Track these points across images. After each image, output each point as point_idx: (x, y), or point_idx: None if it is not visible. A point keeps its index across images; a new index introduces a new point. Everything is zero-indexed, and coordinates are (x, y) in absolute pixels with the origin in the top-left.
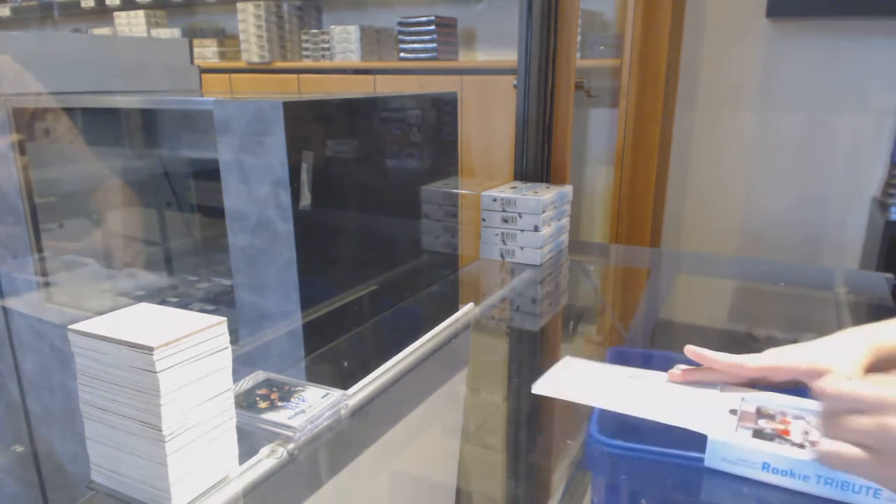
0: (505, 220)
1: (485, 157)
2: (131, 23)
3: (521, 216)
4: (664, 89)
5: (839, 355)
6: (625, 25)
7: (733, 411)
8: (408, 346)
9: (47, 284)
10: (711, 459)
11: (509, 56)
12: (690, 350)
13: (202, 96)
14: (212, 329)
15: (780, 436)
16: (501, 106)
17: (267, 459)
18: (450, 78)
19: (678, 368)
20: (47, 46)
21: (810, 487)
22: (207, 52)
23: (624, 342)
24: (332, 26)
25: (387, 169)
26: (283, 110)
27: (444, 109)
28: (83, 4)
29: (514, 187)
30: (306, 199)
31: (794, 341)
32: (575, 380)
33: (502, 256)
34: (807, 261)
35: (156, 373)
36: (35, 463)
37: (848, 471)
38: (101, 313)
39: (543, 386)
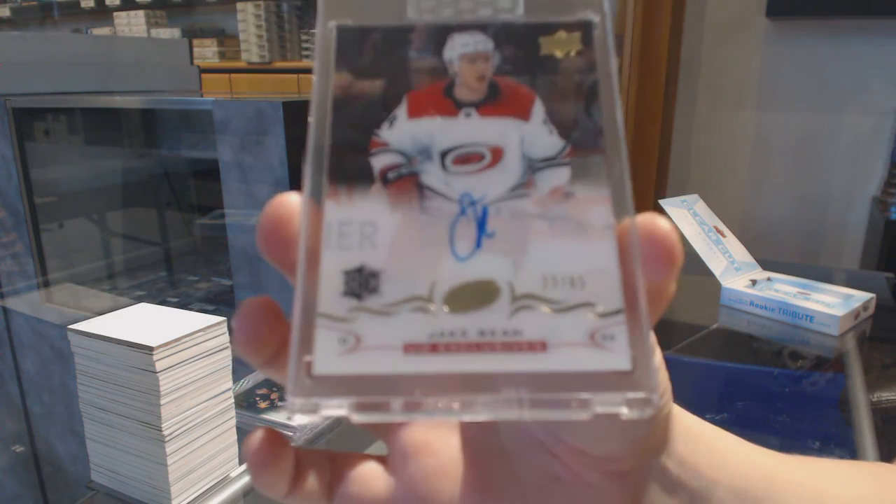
0: None
1: None
2: (131, 23)
3: None
4: (664, 89)
5: None
6: (625, 25)
7: (753, 281)
8: None
9: (47, 284)
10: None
11: None
12: None
13: (202, 96)
14: (211, 329)
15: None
16: None
17: None
18: None
19: None
20: (47, 47)
21: (775, 315)
22: (207, 52)
23: None
24: None
25: None
26: (282, 110)
27: None
28: (83, 4)
29: None
30: None
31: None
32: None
33: None
34: (807, 260)
35: (155, 373)
36: (35, 463)
37: None
38: (100, 313)
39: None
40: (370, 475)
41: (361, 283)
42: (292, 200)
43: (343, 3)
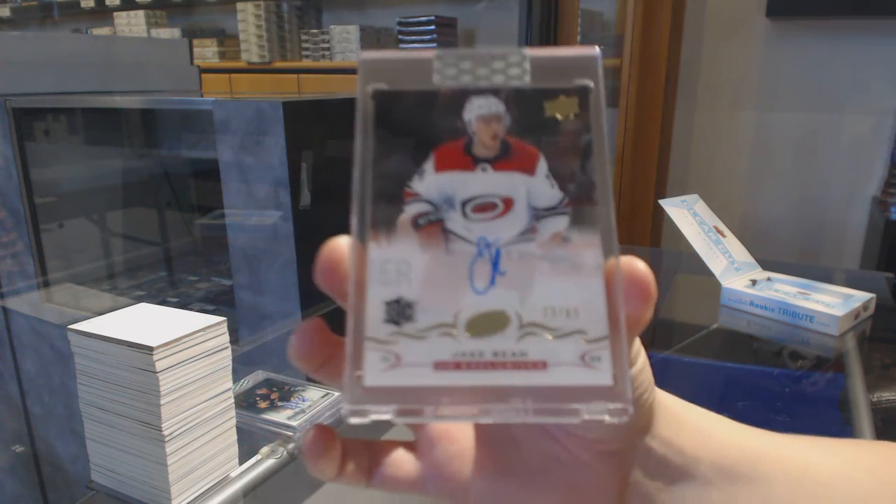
0: None
1: None
2: (131, 23)
3: None
4: (664, 89)
5: None
6: (625, 25)
7: (753, 281)
8: None
9: (47, 284)
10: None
11: None
12: None
13: (202, 96)
14: (211, 329)
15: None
16: None
17: (267, 459)
18: None
19: None
20: (47, 47)
21: (775, 315)
22: (207, 52)
23: None
24: (332, 26)
25: None
26: (282, 110)
27: None
28: (83, 4)
29: None
30: (306, 199)
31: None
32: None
33: None
34: (807, 260)
35: (155, 373)
36: (35, 463)
37: None
38: (100, 313)
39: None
40: (401, 459)
41: (399, 312)
42: (343, 243)
43: (379, 71)
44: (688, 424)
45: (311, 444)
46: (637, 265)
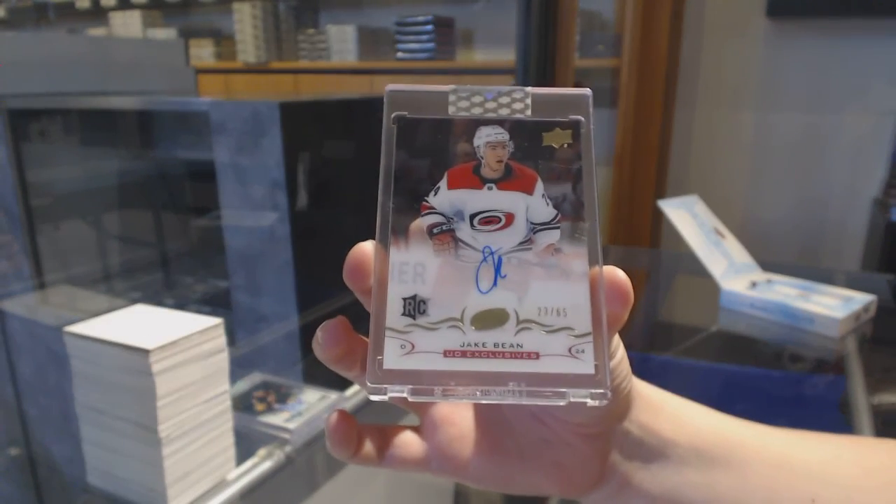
0: None
1: None
2: (127, 23)
3: None
4: (663, 89)
5: None
6: (623, 25)
7: (753, 283)
8: None
9: (42, 286)
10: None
11: (507, 56)
12: None
13: (198, 97)
14: (208, 331)
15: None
16: None
17: (264, 462)
18: (447, 78)
19: None
20: (42, 47)
21: (775, 317)
22: (204, 52)
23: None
24: (329, 26)
25: None
26: (279, 111)
27: None
28: (78, 5)
29: None
30: (303, 200)
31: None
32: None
33: None
34: (807, 261)
35: (152, 375)
36: (31, 465)
37: None
38: (97, 315)
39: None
40: (409, 441)
41: (415, 307)
42: (368, 247)
43: (402, 100)
44: (665, 411)
45: (334, 427)
46: (618, 273)
